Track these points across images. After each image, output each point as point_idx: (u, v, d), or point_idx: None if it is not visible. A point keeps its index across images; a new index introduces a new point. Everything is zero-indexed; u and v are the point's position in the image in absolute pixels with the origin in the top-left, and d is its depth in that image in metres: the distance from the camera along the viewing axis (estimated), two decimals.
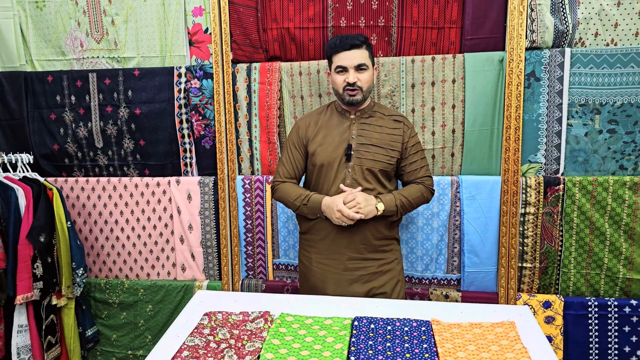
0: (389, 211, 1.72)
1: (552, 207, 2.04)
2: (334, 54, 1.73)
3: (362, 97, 1.73)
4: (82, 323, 2.42)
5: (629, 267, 2.02)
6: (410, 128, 1.82)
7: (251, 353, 1.35)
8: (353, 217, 1.66)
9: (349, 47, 1.69)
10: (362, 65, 1.70)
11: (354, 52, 1.69)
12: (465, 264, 2.15)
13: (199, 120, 2.31)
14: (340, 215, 1.67)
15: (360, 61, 1.70)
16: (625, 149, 1.99)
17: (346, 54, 1.69)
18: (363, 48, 1.71)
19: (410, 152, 1.79)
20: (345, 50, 1.69)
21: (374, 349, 1.34)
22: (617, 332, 2.03)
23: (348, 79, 1.70)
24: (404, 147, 1.78)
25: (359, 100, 1.73)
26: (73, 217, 2.49)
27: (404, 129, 1.80)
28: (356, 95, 1.71)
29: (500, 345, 1.34)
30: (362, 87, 1.71)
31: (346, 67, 1.70)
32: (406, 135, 1.79)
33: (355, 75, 1.70)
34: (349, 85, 1.70)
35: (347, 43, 1.69)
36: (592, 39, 1.96)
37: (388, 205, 1.71)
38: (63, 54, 2.39)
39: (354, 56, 1.69)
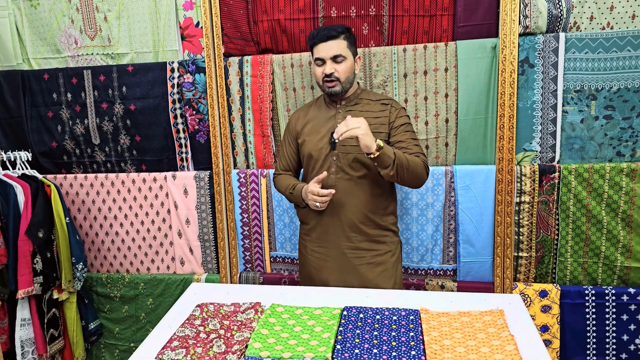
0: (386, 156, 1.57)
1: (548, 195, 2.02)
2: (313, 45, 1.74)
3: (341, 88, 1.73)
4: (84, 317, 2.47)
5: (627, 255, 1.99)
6: (398, 109, 1.77)
7: (239, 343, 1.36)
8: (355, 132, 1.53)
9: (325, 38, 1.69)
10: (339, 56, 1.70)
11: (331, 43, 1.69)
12: (460, 254, 2.14)
13: (193, 114, 2.32)
14: (312, 196, 1.67)
15: (336, 52, 1.69)
16: (622, 135, 1.96)
17: (323, 46, 1.70)
18: (340, 38, 1.70)
19: (398, 132, 1.73)
20: (322, 42, 1.69)
21: (360, 338, 1.34)
22: (615, 321, 2.01)
23: (325, 70, 1.70)
24: (391, 126, 1.75)
25: (337, 92, 1.73)
26: (73, 214, 2.53)
27: (390, 110, 1.77)
28: (334, 87, 1.72)
29: (487, 333, 1.33)
30: (339, 77, 1.71)
31: (323, 58, 1.71)
32: (392, 115, 1.76)
33: (332, 66, 1.70)
34: (327, 77, 1.71)
35: (324, 35, 1.69)
36: (587, 22, 1.92)
37: (387, 149, 1.57)
38: (58, 52, 2.41)
39: (330, 47, 1.69)
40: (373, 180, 1.75)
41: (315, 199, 1.67)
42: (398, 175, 1.61)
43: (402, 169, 1.60)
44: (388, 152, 1.57)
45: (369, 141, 1.54)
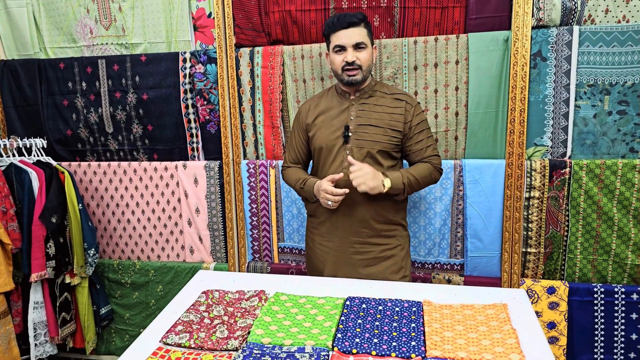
0: (396, 189, 1.66)
1: (558, 191, 1.99)
2: (331, 33, 1.69)
3: (362, 76, 1.69)
4: (96, 302, 2.52)
5: (638, 253, 1.96)
6: (413, 106, 1.75)
7: (242, 329, 1.38)
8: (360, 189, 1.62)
9: (346, 25, 1.65)
10: (361, 43, 1.66)
11: (352, 30, 1.65)
12: (468, 249, 2.12)
13: (204, 105, 2.34)
14: (325, 194, 1.67)
15: (358, 39, 1.66)
16: (635, 130, 1.92)
17: (344, 33, 1.65)
18: (361, 26, 1.67)
19: (415, 132, 1.73)
20: (343, 29, 1.65)
21: (362, 327, 1.35)
22: (624, 320, 1.98)
23: (347, 57, 1.66)
24: (407, 126, 1.73)
25: (358, 80, 1.69)
26: (86, 201, 2.58)
27: (406, 107, 1.73)
28: (356, 75, 1.68)
29: (489, 326, 1.33)
30: (361, 65, 1.67)
31: (344, 45, 1.66)
32: (409, 115, 1.73)
33: (354, 54, 1.66)
34: (348, 65, 1.66)
35: (344, 21, 1.65)
36: (602, 15, 1.89)
37: (395, 182, 1.65)
38: (74, 41, 2.45)
39: (352, 34, 1.65)
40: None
41: (328, 197, 1.66)
42: (411, 193, 1.75)
43: (413, 188, 1.72)
44: (396, 185, 1.66)
45: (377, 188, 1.62)
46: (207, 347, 1.31)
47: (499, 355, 1.19)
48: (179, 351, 1.29)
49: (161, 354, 1.28)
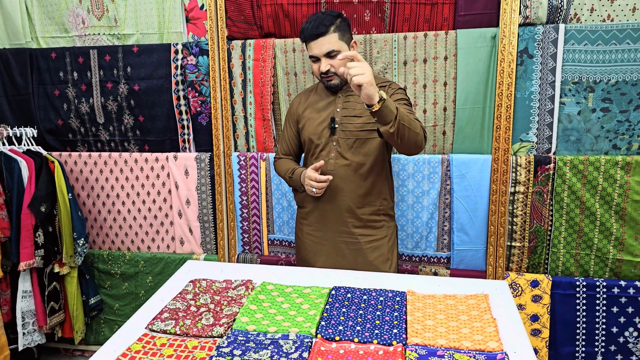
0: (389, 109, 1.44)
1: (542, 186, 2.03)
2: (304, 42, 1.72)
3: (339, 81, 1.72)
4: (85, 292, 2.53)
5: (619, 247, 2.00)
6: (395, 89, 1.73)
7: (228, 316, 1.40)
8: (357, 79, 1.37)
9: (314, 37, 1.66)
10: (332, 52, 1.67)
11: (321, 40, 1.65)
12: (454, 242, 2.16)
13: (196, 96, 2.35)
14: (309, 181, 1.69)
15: (328, 49, 1.66)
16: (619, 128, 1.96)
17: (314, 44, 1.67)
18: (330, 33, 1.65)
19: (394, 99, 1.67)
20: (312, 40, 1.67)
21: (345, 316, 1.37)
22: (605, 313, 2.02)
23: (321, 68, 1.69)
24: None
25: (336, 85, 1.73)
26: (77, 191, 2.58)
27: (388, 90, 1.74)
28: (332, 81, 1.72)
29: (470, 315, 1.36)
30: (336, 72, 1.69)
31: (316, 56, 1.69)
32: (388, 93, 1.71)
33: (326, 63, 1.67)
34: (323, 74, 1.70)
35: (312, 33, 1.66)
36: (587, 14, 1.92)
37: (389, 101, 1.45)
38: (66, 31, 2.45)
39: (321, 44, 1.66)
40: (371, 166, 1.76)
41: (312, 184, 1.68)
42: (398, 134, 1.48)
43: (404, 128, 1.48)
44: (390, 105, 1.44)
45: (373, 91, 1.39)
46: (193, 333, 1.32)
47: (477, 342, 1.22)
48: (164, 337, 1.31)
49: (146, 340, 1.29)
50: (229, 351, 1.21)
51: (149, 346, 1.27)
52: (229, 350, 1.22)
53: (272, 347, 1.23)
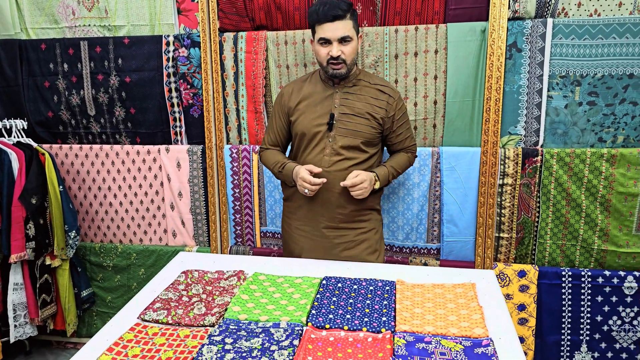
0: (382, 183, 1.79)
1: (530, 178, 2.06)
2: (316, 24, 1.66)
3: (347, 70, 1.69)
4: (77, 284, 2.53)
5: (604, 238, 2.04)
6: (396, 100, 1.77)
7: (219, 306, 1.42)
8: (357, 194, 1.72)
9: (332, 18, 1.60)
10: (347, 37, 1.63)
11: (337, 23, 1.61)
12: (444, 234, 2.19)
13: (187, 89, 2.35)
14: (303, 183, 1.68)
15: (344, 33, 1.62)
16: (604, 121, 1.99)
17: (329, 26, 1.61)
18: (347, 18, 1.63)
19: (398, 124, 1.78)
20: (329, 22, 1.61)
21: (336, 304, 1.40)
22: (590, 302, 2.07)
23: (332, 52, 1.63)
24: (390, 120, 1.76)
25: (342, 74, 1.69)
26: (68, 183, 2.58)
27: (389, 101, 1.75)
28: (340, 69, 1.67)
29: (457, 303, 1.39)
30: (345, 60, 1.66)
31: (329, 39, 1.63)
32: (391, 108, 1.75)
33: (339, 48, 1.63)
34: (333, 59, 1.65)
35: (329, 14, 1.60)
36: (575, 9, 1.95)
37: (382, 182, 1.79)
38: (56, 22, 2.43)
39: (337, 28, 1.61)
40: (365, 164, 1.78)
41: (305, 186, 1.68)
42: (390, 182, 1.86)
43: (394, 178, 1.86)
44: (383, 184, 1.80)
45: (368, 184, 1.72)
46: (185, 323, 1.34)
47: (464, 329, 1.25)
48: (156, 327, 1.33)
49: (138, 329, 1.31)
50: (220, 339, 1.23)
51: (141, 335, 1.28)
52: (220, 338, 1.24)
53: (264, 335, 1.25)
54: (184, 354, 1.19)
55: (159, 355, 1.20)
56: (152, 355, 1.20)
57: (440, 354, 1.15)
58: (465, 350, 1.16)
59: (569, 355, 2.13)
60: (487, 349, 1.16)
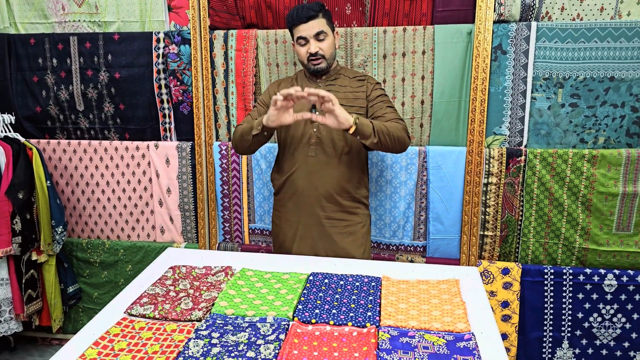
0: (364, 125, 1.62)
1: (514, 177, 2.11)
2: (293, 26, 1.79)
3: (327, 64, 1.80)
4: (63, 280, 2.52)
5: (585, 237, 2.10)
6: (373, 83, 1.86)
7: (207, 301, 1.43)
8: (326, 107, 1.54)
9: (305, 19, 1.74)
10: (321, 33, 1.76)
11: (311, 22, 1.75)
12: (430, 231, 2.23)
13: (177, 85, 2.36)
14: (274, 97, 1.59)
15: (318, 29, 1.75)
16: (586, 122, 2.05)
17: (304, 26, 1.75)
18: (320, 17, 1.76)
19: (375, 102, 1.81)
20: (303, 23, 1.75)
21: (322, 300, 1.42)
22: (571, 299, 2.12)
23: (310, 49, 1.76)
24: (368, 99, 1.83)
25: (323, 69, 1.80)
26: (55, 179, 2.57)
27: (367, 85, 1.85)
28: (320, 64, 1.79)
29: (441, 299, 1.42)
30: (324, 55, 1.78)
31: (306, 37, 1.76)
32: (368, 89, 1.84)
33: (316, 45, 1.76)
34: (312, 55, 1.77)
35: (303, 15, 1.74)
36: (558, 13, 1.99)
37: (362, 119, 1.63)
38: (45, 17, 2.42)
39: (312, 26, 1.75)
40: (350, 154, 1.83)
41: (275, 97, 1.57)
42: (381, 142, 1.67)
43: (384, 135, 1.66)
44: (365, 122, 1.63)
45: (346, 115, 1.58)
46: (171, 317, 1.35)
47: (447, 324, 1.28)
48: (143, 321, 1.33)
49: (125, 323, 1.31)
50: (207, 334, 1.25)
51: (127, 329, 1.29)
52: (207, 332, 1.25)
53: (250, 329, 1.27)
54: (170, 348, 1.20)
55: (146, 349, 1.21)
56: (138, 349, 1.21)
57: (423, 348, 1.18)
58: (447, 344, 1.19)
59: (551, 352, 2.18)
60: (468, 343, 1.19)
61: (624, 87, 1.99)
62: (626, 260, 2.09)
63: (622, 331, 2.11)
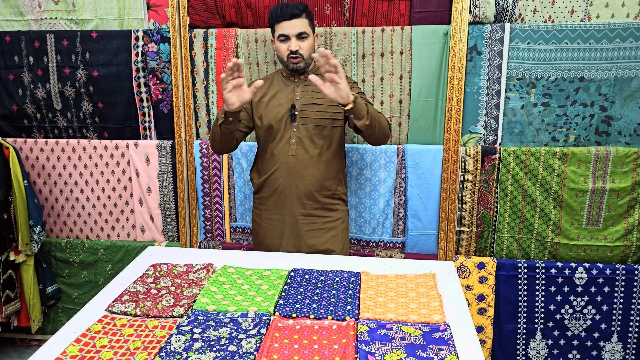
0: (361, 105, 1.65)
1: (489, 175, 2.17)
2: (275, 23, 1.81)
3: (305, 64, 1.83)
4: (42, 280, 2.49)
5: (557, 232, 2.17)
6: (350, 83, 1.89)
7: (188, 298, 1.45)
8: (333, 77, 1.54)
9: (289, 16, 1.77)
10: (303, 33, 1.79)
11: (295, 21, 1.77)
12: (409, 228, 2.27)
13: (157, 84, 2.35)
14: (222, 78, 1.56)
15: (300, 29, 1.78)
16: (557, 121, 2.12)
17: (287, 23, 1.78)
18: (303, 17, 1.79)
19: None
20: (286, 20, 1.77)
21: (303, 295, 1.45)
22: (544, 292, 2.19)
23: (290, 47, 1.79)
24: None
25: (301, 67, 1.83)
26: (33, 178, 2.53)
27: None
28: (299, 63, 1.82)
29: (418, 292, 1.46)
30: (303, 54, 1.81)
31: (288, 35, 1.79)
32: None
33: (297, 43, 1.79)
34: (292, 53, 1.79)
35: (287, 13, 1.77)
36: (530, 15, 2.06)
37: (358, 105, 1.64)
38: (21, 14, 2.39)
39: (294, 25, 1.77)
40: (329, 152, 1.87)
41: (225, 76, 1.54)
42: (372, 126, 1.69)
43: (374, 120, 1.70)
44: (361, 102, 1.66)
45: (348, 90, 1.58)
46: (153, 314, 1.36)
47: (423, 316, 1.33)
48: (125, 319, 1.34)
49: (106, 321, 1.32)
50: (189, 329, 1.26)
51: (109, 327, 1.30)
52: (189, 328, 1.27)
53: (232, 324, 1.29)
54: (152, 344, 1.21)
55: (127, 345, 1.22)
56: (120, 345, 1.22)
57: (400, 339, 1.22)
58: (423, 335, 1.23)
59: (525, 343, 2.25)
60: (444, 334, 1.23)
61: (593, 87, 2.07)
62: (596, 254, 2.18)
63: (592, 322, 2.20)
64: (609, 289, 2.15)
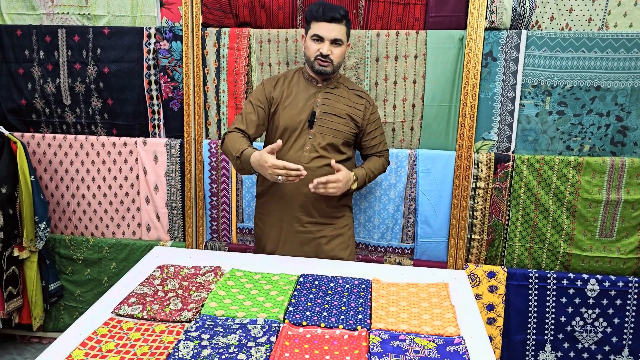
0: (361, 182, 1.83)
1: (501, 182, 2.14)
2: (313, 21, 1.75)
3: (332, 70, 1.78)
4: (45, 277, 2.47)
5: (569, 242, 2.14)
6: (372, 105, 1.89)
7: (196, 302, 1.42)
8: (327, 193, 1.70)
9: (330, 19, 1.71)
10: (339, 40, 1.75)
11: (334, 25, 1.73)
12: (418, 234, 2.25)
13: (168, 82, 2.33)
14: (273, 170, 1.56)
15: (337, 36, 1.74)
16: (572, 130, 2.09)
17: (326, 26, 1.72)
18: (343, 23, 1.75)
19: (372, 128, 1.89)
20: (326, 22, 1.72)
21: (313, 302, 1.42)
22: (555, 303, 2.16)
23: (322, 49, 1.73)
24: (365, 123, 1.86)
25: (328, 72, 1.78)
26: (39, 173, 2.51)
27: (366, 105, 1.87)
28: (327, 67, 1.76)
29: (431, 302, 1.44)
30: (333, 60, 1.76)
31: (323, 37, 1.74)
32: (367, 112, 1.87)
33: (329, 48, 1.74)
34: (322, 56, 1.74)
35: (328, 15, 1.71)
36: (547, 22, 2.03)
37: (360, 184, 1.82)
38: (33, 9, 2.37)
39: (332, 29, 1.73)
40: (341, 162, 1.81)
41: (278, 172, 1.55)
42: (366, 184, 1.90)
43: (369, 180, 1.89)
44: (361, 179, 1.82)
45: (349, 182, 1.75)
46: (160, 318, 1.34)
47: (437, 327, 1.30)
48: (131, 322, 1.32)
49: (113, 324, 1.30)
50: (197, 335, 1.24)
51: (115, 330, 1.27)
52: (197, 334, 1.24)
53: (241, 331, 1.26)
54: (159, 350, 1.19)
55: (134, 350, 1.19)
56: (127, 350, 1.19)
57: (414, 352, 1.19)
58: (437, 348, 1.20)
59: (534, 355, 2.22)
60: (458, 347, 1.20)
61: (610, 96, 2.04)
62: (608, 265, 2.14)
63: (603, 335, 2.16)
64: (621, 302, 2.12)
